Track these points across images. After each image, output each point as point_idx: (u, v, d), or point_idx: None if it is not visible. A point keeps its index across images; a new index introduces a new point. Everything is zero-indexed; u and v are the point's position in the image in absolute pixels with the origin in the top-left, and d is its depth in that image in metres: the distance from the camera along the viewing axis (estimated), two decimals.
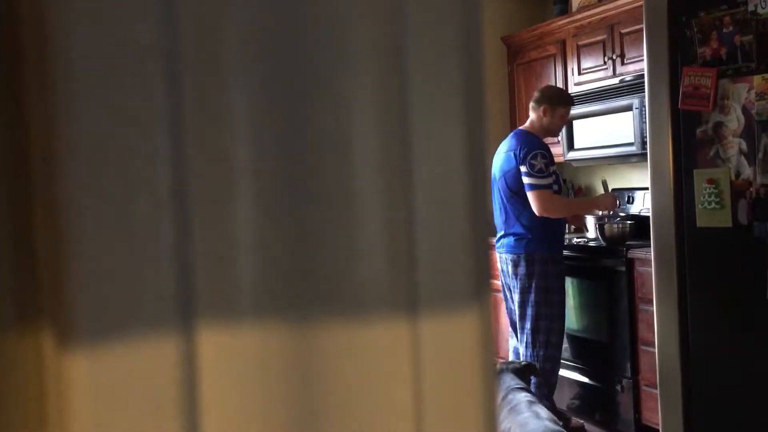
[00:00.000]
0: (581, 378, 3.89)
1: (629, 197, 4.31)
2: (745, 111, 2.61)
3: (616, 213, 3.95)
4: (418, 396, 0.58)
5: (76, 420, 0.53)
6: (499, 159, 3.68)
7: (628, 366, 3.58)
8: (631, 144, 3.85)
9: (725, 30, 2.64)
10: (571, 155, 4.34)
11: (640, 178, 4.25)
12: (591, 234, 4.05)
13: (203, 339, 0.54)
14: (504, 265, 3.68)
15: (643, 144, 3.63)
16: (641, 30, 2.97)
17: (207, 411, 0.54)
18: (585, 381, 3.87)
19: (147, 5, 0.53)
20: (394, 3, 0.57)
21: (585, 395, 3.88)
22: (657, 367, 2.96)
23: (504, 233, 3.67)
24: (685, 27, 2.75)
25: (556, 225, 3.63)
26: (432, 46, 0.58)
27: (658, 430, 3.04)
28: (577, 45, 4.35)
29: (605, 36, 4.13)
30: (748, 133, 2.60)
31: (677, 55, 2.78)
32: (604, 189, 4.16)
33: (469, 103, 0.60)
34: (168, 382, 0.53)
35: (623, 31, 4.00)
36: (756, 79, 2.57)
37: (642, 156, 3.66)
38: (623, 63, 4.01)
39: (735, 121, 2.64)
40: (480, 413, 0.60)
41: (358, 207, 0.56)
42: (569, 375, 3.91)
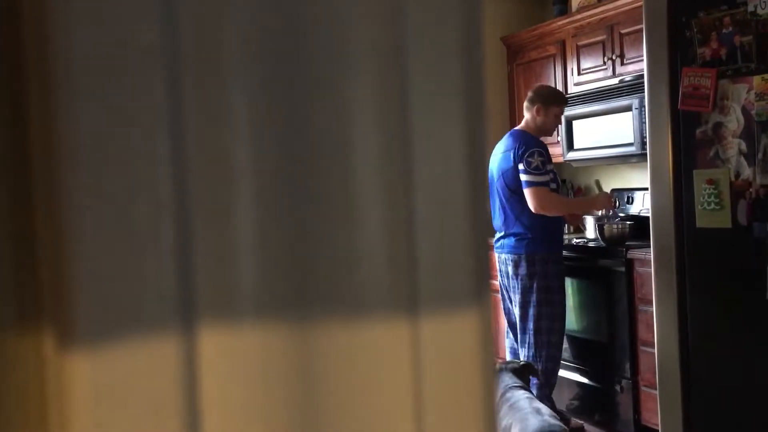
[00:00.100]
0: (581, 378, 3.89)
1: (629, 198, 4.31)
2: (745, 111, 2.61)
3: (615, 213, 3.95)
4: (418, 396, 0.58)
5: (76, 420, 0.53)
6: (497, 159, 3.68)
7: (627, 366, 3.58)
8: (631, 144, 3.85)
9: (725, 30, 2.64)
10: (571, 155, 4.34)
11: (639, 178, 4.25)
12: (590, 234, 4.05)
13: (204, 339, 0.54)
14: (504, 266, 3.68)
15: (643, 144, 3.64)
16: (641, 30, 2.97)
17: (208, 411, 0.54)
18: (584, 381, 3.87)
19: (147, 5, 0.53)
20: (394, 3, 0.57)
21: (584, 396, 3.89)
22: (656, 368, 2.96)
23: (504, 233, 3.67)
24: (685, 27, 2.75)
25: (555, 224, 3.63)
26: (432, 46, 0.58)
27: (657, 430, 3.04)
28: (577, 45, 4.35)
29: (605, 36, 4.13)
30: (747, 134, 2.60)
31: (677, 56, 2.78)
32: (597, 189, 4.17)
33: (470, 103, 0.60)
34: (169, 382, 0.53)
35: (623, 32, 4.00)
36: (756, 80, 2.57)
37: (642, 156, 3.66)
38: (623, 63, 4.02)
39: (735, 122, 2.64)
40: (480, 413, 0.60)
41: (358, 207, 0.57)
42: (569, 375, 3.91)
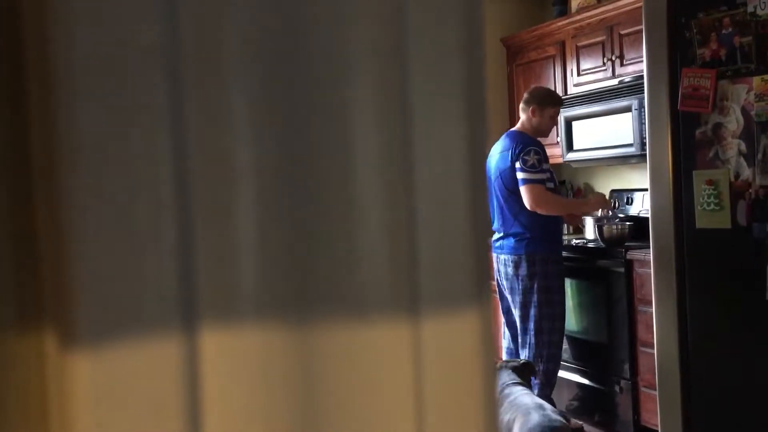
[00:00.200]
0: (580, 379, 3.89)
1: (628, 198, 4.31)
2: (745, 112, 2.61)
3: (615, 214, 3.95)
4: (419, 396, 0.58)
5: (78, 420, 0.53)
6: (494, 160, 3.69)
7: (627, 367, 3.58)
8: (631, 145, 3.85)
9: (724, 31, 2.64)
10: (571, 156, 4.34)
11: (639, 179, 4.25)
12: (590, 235, 4.05)
13: (205, 339, 0.54)
14: (503, 267, 3.67)
15: (643, 145, 3.64)
16: (640, 31, 2.97)
17: (209, 411, 0.54)
18: (584, 382, 3.87)
19: (148, 5, 0.53)
20: (394, 3, 0.57)
21: (584, 396, 3.88)
22: (656, 369, 2.96)
23: (503, 234, 3.67)
24: (685, 28, 2.75)
25: (553, 224, 3.63)
26: (432, 46, 0.58)
27: (656, 431, 3.04)
28: (577, 46, 4.35)
29: (604, 37, 4.13)
30: (747, 134, 2.60)
31: (676, 56, 2.78)
32: (594, 191, 4.17)
33: (470, 103, 0.60)
34: (170, 382, 0.53)
35: (622, 32, 4.00)
36: (755, 80, 2.57)
37: (641, 157, 3.66)
38: (622, 64, 4.02)
39: (734, 122, 2.64)
40: (481, 413, 0.60)
41: (358, 207, 0.57)
42: (568, 376, 3.91)
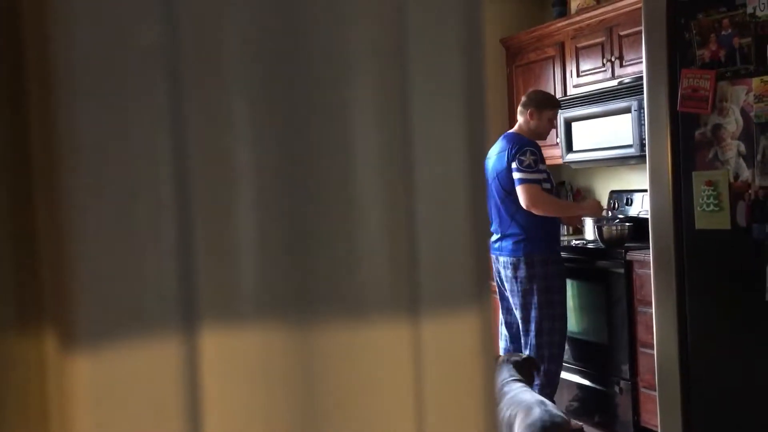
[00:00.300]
0: (580, 380, 3.89)
1: (628, 199, 4.31)
2: (744, 113, 2.61)
3: (614, 215, 3.95)
4: (419, 396, 0.58)
5: (77, 420, 0.53)
6: (491, 161, 3.69)
7: (626, 368, 3.58)
8: (630, 146, 3.85)
9: (724, 32, 2.65)
10: (570, 157, 4.34)
11: (638, 180, 4.25)
12: (590, 236, 4.06)
13: (205, 339, 0.54)
14: (502, 268, 3.67)
15: (642, 146, 3.64)
16: (640, 32, 2.97)
17: (209, 411, 0.54)
18: (584, 383, 3.87)
19: (147, 5, 0.53)
20: (394, 3, 0.57)
21: (584, 397, 3.88)
22: (656, 369, 2.96)
23: (500, 235, 3.67)
24: (684, 29, 2.75)
25: (551, 224, 3.63)
26: (432, 46, 0.58)
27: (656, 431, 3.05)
28: (576, 47, 4.35)
29: (604, 38, 4.14)
30: (746, 135, 2.61)
31: (676, 57, 2.78)
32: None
33: (470, 103, 0.60)
34: (170, 382, 0.53)
35: (622, 33, 4.00)
36: (755, 82, 2.58)
37: (641, 158, 3.66)
38: (622, 65, 4.02)
39: (734, 123, 2.64)
40: (480, 413, 0.60)
41: (358, 207, 0.56)
42: (568, 377, 3.91)
